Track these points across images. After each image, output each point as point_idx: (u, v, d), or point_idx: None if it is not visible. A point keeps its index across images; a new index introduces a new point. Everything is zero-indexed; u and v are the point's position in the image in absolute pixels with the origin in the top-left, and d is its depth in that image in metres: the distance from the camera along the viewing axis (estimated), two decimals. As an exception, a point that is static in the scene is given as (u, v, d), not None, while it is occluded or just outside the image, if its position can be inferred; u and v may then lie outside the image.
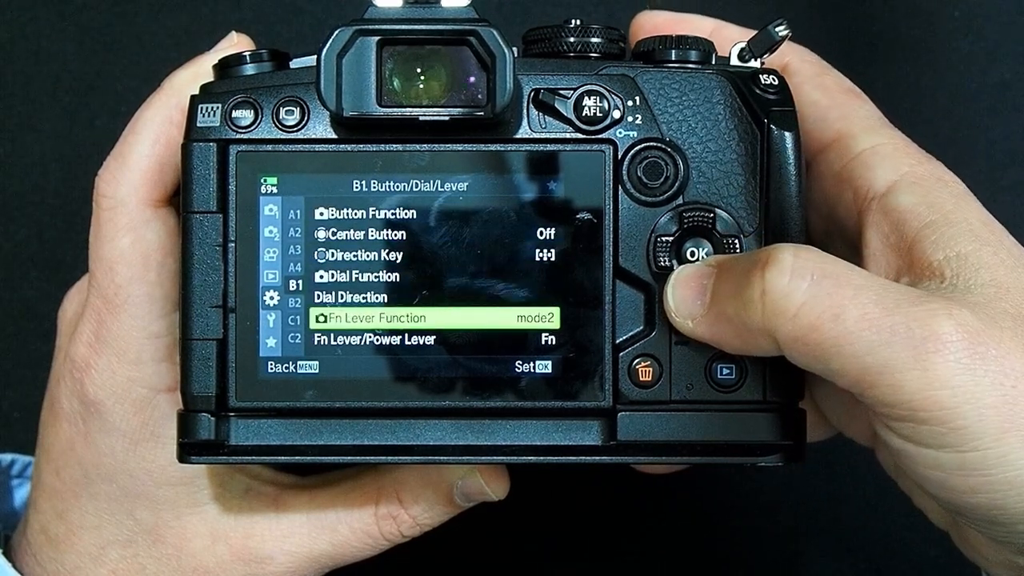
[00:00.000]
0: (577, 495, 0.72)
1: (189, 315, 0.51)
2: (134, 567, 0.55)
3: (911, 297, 0.46)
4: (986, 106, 0.72)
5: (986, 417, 0.44)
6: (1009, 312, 0.46)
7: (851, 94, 0.54)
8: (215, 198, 0.51)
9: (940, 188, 0.50)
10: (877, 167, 0.51)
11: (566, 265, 0.51)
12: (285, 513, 0.55)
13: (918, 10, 0.72)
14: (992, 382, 0.44)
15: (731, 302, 0.48)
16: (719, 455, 0.51)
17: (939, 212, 0.49)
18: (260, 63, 0.52)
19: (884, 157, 0.52)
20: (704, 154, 0.51)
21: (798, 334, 0.46)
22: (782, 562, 0.73)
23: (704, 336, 0.49)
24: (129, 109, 0.55)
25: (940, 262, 0.48)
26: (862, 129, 0.53)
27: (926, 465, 0.46)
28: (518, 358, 0.51)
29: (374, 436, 0.51)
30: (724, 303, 0.48)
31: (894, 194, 0.50)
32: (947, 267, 0.48)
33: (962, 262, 0.48)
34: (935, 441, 0.45)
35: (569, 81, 0.51)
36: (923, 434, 0.45)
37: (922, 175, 0.51)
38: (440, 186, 0.51)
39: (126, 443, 0.54)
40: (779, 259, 0.46)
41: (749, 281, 0.47)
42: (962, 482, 0.46)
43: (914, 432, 0.45)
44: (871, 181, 0.51)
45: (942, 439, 0.45)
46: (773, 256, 0.46)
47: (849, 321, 0.45)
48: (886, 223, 0.50)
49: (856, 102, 0.54)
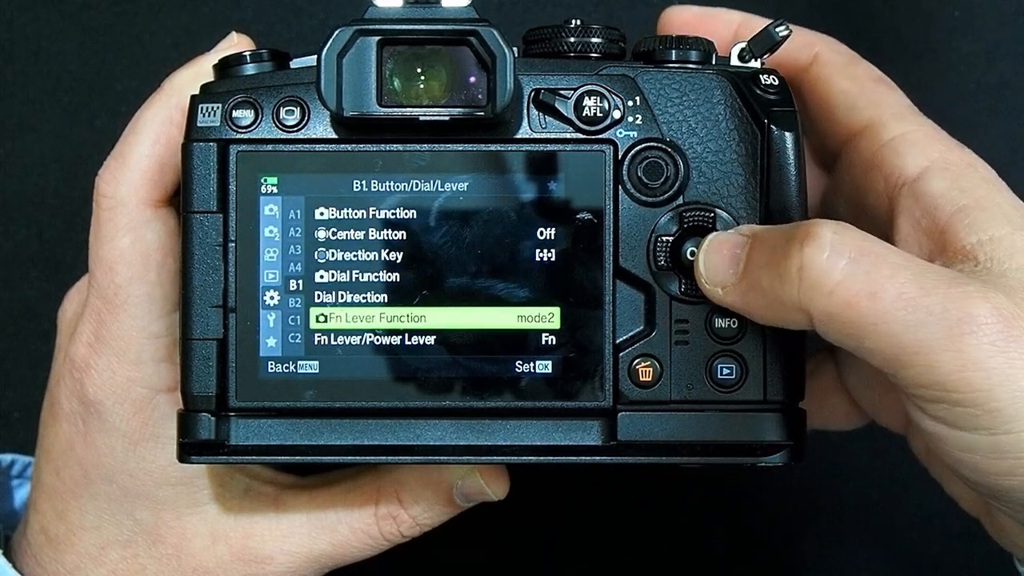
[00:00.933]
0: (577, 495, 0.72)
1: (189, 315, 0.51)
2: (134, 567, 0.55)
3: (947, 278, 0.45)
4: (986, 106, 0.72)
5: (1020, 400, 0.44)
6: None
7: (881, 83, 0.55)
8: (215, 198, 0.51)
9: (971, 173, 0.51)
10: (907, 153, 0.52)
11: (566, 265, 0.51)
12: (285, 513, 0.55)
13: (918, 10, 0.72)
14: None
15: (765, 274, 0.47)
16: (719, 455, 0.51)
17: (971, 197, 0.49)
18: (260, 63, 0.52)
19: (914, 144, 0.52)
20: (704, 154, 0.51)
21: (833, 311, 0.45)
22: (782, 562, 0.73)
23: (734, 305, 0.49)
24: (129, 109, 0.55)
25: (973, 245, 0.48)
26: (892, 116, 0.53)
27: (960, 448, 0.46)
28: (518, 358, 0.51)
29: (374, 436, 0.51)
30: (758, 274, 0.47)
31: (925, 179, 0.51)
32: (980, 251, 0.48)
33: (996, 246, 0.48)
34: (969, 423, 0.45)
35: (569, 81, 0.51)
36: (957, 416, 0.45)
37: (953, 161, 0.51)
38: (440, 186, 0.51)
39: (126, 443, 0.54)
40: (818, 235, 0.46)
41: (786, 254, 0.46)
42: (996, 465, 0.45)
43: (948, 414, 0.45)
44: (901, 167, 0.51)
45: (976, 421, 0.45)
46: (812, 232, 0.46)
47: (886, 300, 0.45)
48: (917, 208, 0.50)
49: (886, 90, 0.54)
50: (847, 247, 0.46)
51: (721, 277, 0.49)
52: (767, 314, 0.48)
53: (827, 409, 0.59)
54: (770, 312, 0.48)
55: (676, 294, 0.51)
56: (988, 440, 0.45)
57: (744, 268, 0.48)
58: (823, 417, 0.59)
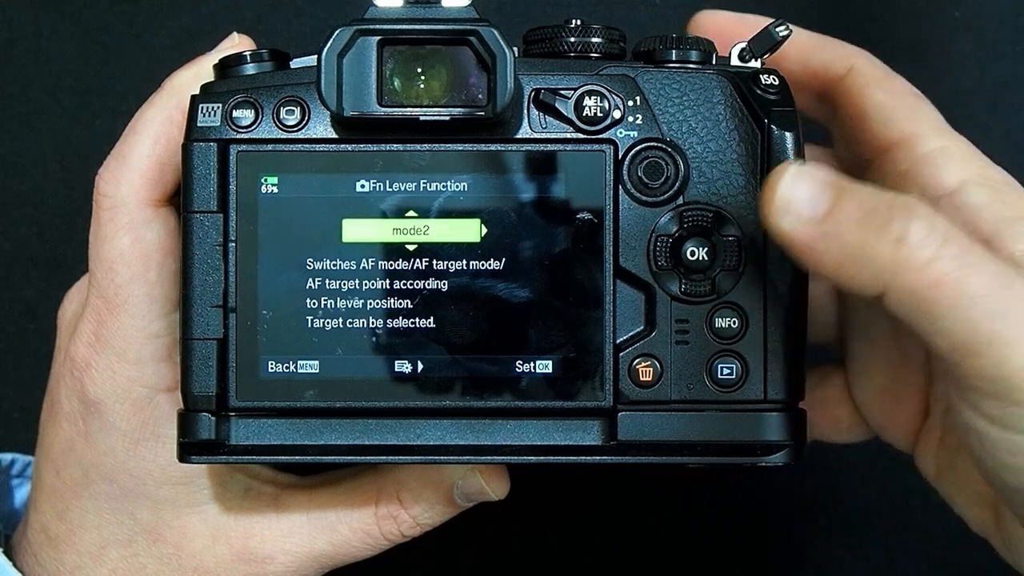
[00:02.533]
0: (577, 495, 0.72)
1: (189, 315, 0.51)
2: (134, 567, 0.55)
3: (1020, 277, 0.46)
4: (986, 106, 0.72)
5: None
6: None
7: (918, 98, 0.55)
8: (215, 198, 0.51)
9: (1010, 189, 0.51)
10: (945, 166, 0.52)
11: (566, 265, 0.51)
12: (285, 513, 0.55)
13: (918, 10, 0.72)
14: None
15: (858, 229, 0.46)
16: (719, 455, 0.51)
17: (1013, 209, 0.50)
18: (260, 63, 0.52)
19: (952, 157, 0.52)
20: (704, 154, 0.51)
21: (918, 287, 0.45)
22: (782, 562, 0.73)
23: (799, 241, 0.47)
24: (129, 109, 0.55)
25: (1022, 252, 0.49)
26: (929, 130, 0.53)
27: (1009, 452, 0.46)
28: (518, 358, 0.51)
29: (374, 436, 0.51)
30: (847, 226, 0.46)
31: (966, 191, 0.51)
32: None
33: None
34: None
35: (569, 81, 0.51)
36: (1013, 417, 0.45)
37: (991, 176, 0.52)
38: (440, 186, 0.51)
39: (126, 443, 0.54)
40: (920, 212, 0.46)
41: (888, 219, 0.46)
42: None
43: (1003, 414, 0.45)
44: (940, 179, 0.52)
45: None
46: (913, 207, 0.46)
47: (973, 286, 0.45)
48: (958, 218, 0.50)
49: (922, 105, 0.55)
50: (942, 229, 0.46)
51: (801, 207, 0.46)
52: (832, 264, 0.46)
53: (832, 420, 0.59)
54: (839, 266, 0.46)
55: (676, 294, 0.51)
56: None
57: (830, 212, 0.46)
58: (827, 428, 0.59)
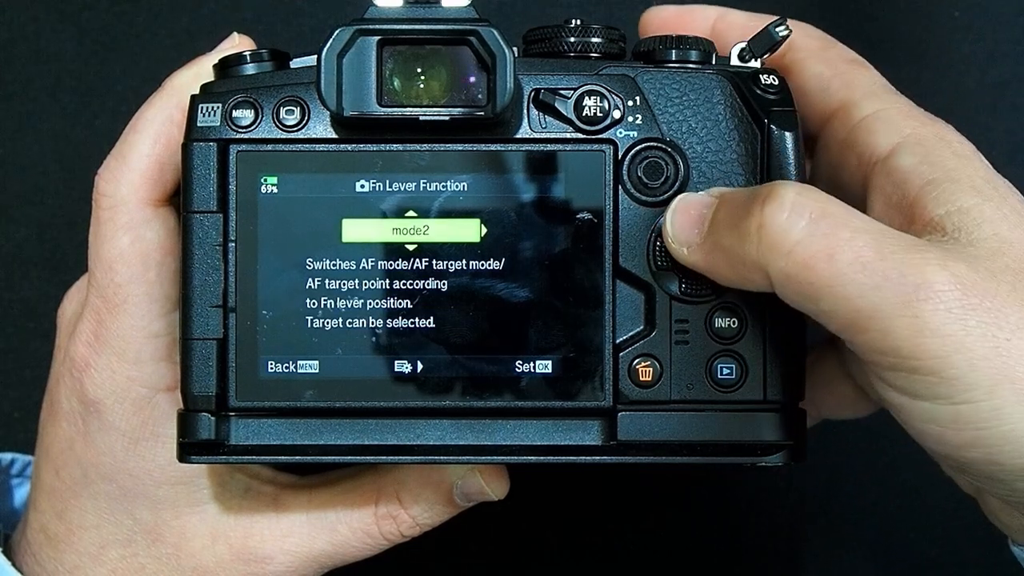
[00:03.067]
0: (577, 495, 0.72)
1: (189, 315, 0.51)
2: (134, 566, 0.55)
3: (907, 244, 0.45)
4: (986, 106, 0.72)
5: (978, 368, 0.44)
6: (1011, 267, 0.46)
7: (855, 64, 0.55)
8: (215, 198, 0.51)
9: (942, 147, 0.50)
10: (879, 131, 0.52)
11: (566, 265, 0.51)
12: (285, 513, 0.55)
13: (918, 10, 0.72)
14: (984, 333, 0.44)
15: (728, 233, 0.47)
16: (719, 455, 0.51)
17: (941, 170, 0.49)
18: (260, 63, 0.52)
19: (886, 121, 0.52)
20: (704, 154, 0.51)
21: (791, 271, 0.45)
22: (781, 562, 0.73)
23: (698, 265, 0.49)
24: (129, 109, 0.55)
25: (941, 217, 0.48)
26: (864, 95, 0.53)
27: (922, 419, 0.46)
28: (518, 358, 0.51)
29: (374, 436, 0.51)
30: (721, 233, 0.48)
31: (896, 155, 0.51)
32: (948, 222, 0.48)
33: (964, 216, 0.47)
34: (928, 392, 0.45)
35: (569, 81, 0.51)
36: (915, 384, 0.45)
37: (924, 136, 0.51)
38: (440, 186, 0.51)
39: (126, 442, 0.54)
40: (780, 195, 0.46)
41: (748, 213, 0.46)
42: (957, 436, 0.45)
43: (907, 383, 0.45)
44: (874, 145, 0.51)
45: (934, 389, 0.45)
46: (774, 191, 0.46)
47: (843, 263, 0.45)
48: (889, 184, 0.50)
49: (859, 70, 0.54)
50: (808, 208, 0.46)
51: (686, 236, 0.49)
52: (729, 275, 0.48)
53: (835, 398, 0.58)
54: (732, 272, 0.48)
55: (676, 294, 0.51)
56: (948, 410, 0.45)
57: (708, 228, 0.49)
58: (833, 406, 0.59)
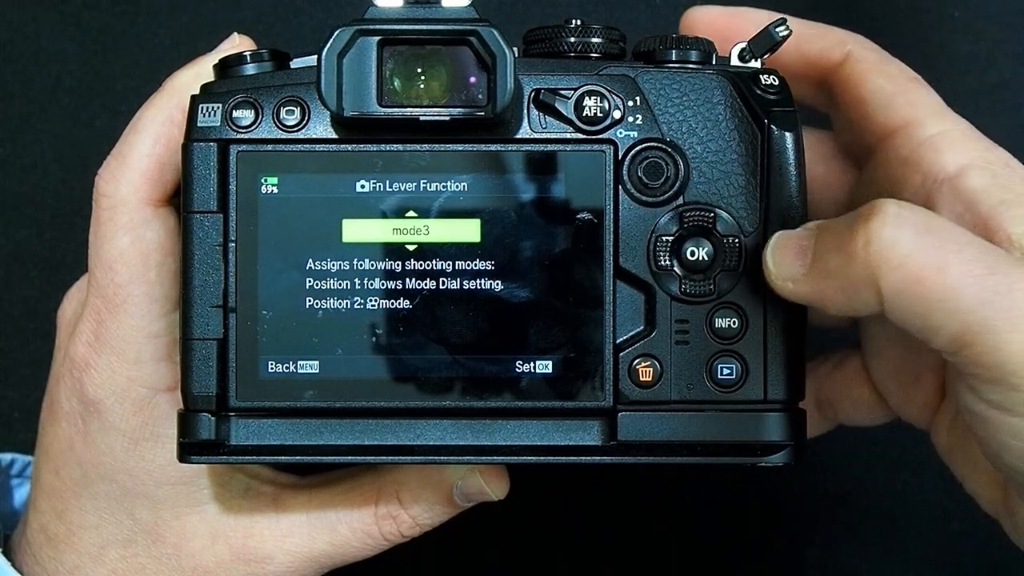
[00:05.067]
0: (577, 495, 0.72)
1: (189, 315, 0.51)
2: (133, 567, 0.55)
3: (1011, 260, 0.46)
4: (986, 106, 0.72)
5: None
6: None
7: (916, 82, 0.55)
8: (215, 198, 0.51)
9: (1009, 172, 0.51)
10: (946, 151, 0.52)
11: (566, 265, 0.51)
12: (285, 513, 0.55)
13: (918, 10, 0.72)
14: None
15: (834, 256, 0.47)
16: (720, 455, 0.51)
17: (1012, 192, 0.50)
18: (260, 63, 0.52)
19: (953, 142, 0.52)
20: (704, 154, 0.51)
21: (901, 285, 0.45)
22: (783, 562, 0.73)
23: (807, 295, 0.49)
24: (129, 109, 0.55)
25: (1019, 235, 0.49)
26: (929, 115, 0.53)
27: (1011, 434, 0.46)
28: (518, 358, 0.51)
29: (374, 436, 0.51)
30: (826, 258, 0.47)
31: (965, 176, 0.51)
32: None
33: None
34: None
35: (569, 81, 0.51)
36: (1013, 400, 0.45)
37: (991, 160, 0.52)
38: (440, 186, 0.51)
39: (126, 442, 0.54)
40: (883, 210, 0.46)
41: (852, 233, 0.46)
42: None
43: (1004, 398, 0.45)
44: (941, 164, 0.52)
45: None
46: (876, 207, 0.46)
47: (954, 276, 0.45)
48: (959, 203, 0.50)
49: (923, 89, 0.55)
50: (912, 221, 0.46)
51: (790, 270, 0.49)
52: (840, 299, 0.47)
53: (853, 404, 0.58)
54: (842, 296, 0.47)
55: (676, 294, 0.51)
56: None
57: (813, 257, 0.48)
58: (850, 412, 0.59)
